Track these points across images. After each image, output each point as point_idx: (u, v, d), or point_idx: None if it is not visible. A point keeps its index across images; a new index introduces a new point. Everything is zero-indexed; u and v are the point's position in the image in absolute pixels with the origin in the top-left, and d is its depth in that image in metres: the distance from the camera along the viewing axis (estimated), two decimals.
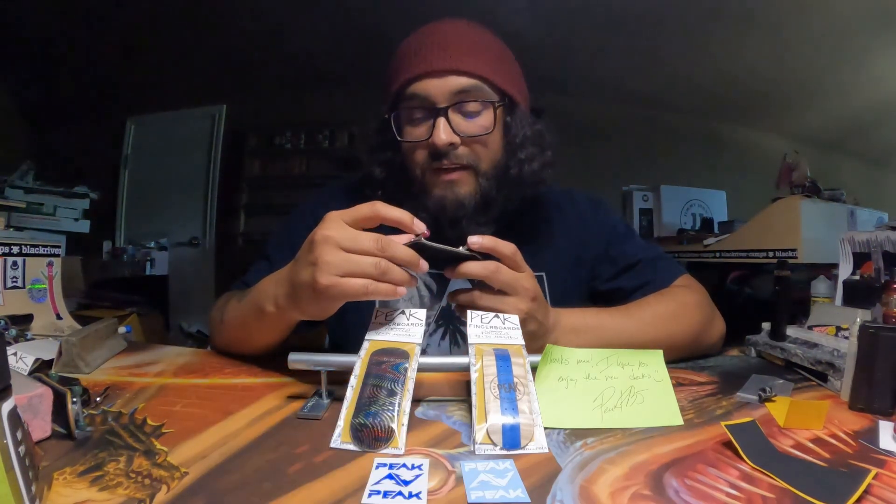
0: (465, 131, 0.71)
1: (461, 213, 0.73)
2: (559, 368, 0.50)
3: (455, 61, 0.71)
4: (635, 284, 0.80)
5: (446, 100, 0.71)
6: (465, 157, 0.72)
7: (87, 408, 0.48)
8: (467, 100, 0.71)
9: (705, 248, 2.60)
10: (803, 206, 2.10)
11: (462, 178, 0.73)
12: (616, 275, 0.83)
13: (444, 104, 0.70)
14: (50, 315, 0.88)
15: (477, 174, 0.73)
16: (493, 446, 0.41)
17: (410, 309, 0.55)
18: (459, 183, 0.73)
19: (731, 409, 0.52)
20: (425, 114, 0.72)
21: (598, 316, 0.68)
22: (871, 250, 0.86)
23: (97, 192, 2.75)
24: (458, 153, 0.72)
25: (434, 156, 0.71)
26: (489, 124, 0.72)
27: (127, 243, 3.67)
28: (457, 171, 0.73)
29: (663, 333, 0.67)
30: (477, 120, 0.72)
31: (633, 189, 3.54)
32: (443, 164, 0.71)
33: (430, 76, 0.71)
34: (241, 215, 4.05)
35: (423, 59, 0.71)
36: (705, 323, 0.74)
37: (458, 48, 0.72)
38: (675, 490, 0.35)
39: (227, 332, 0.72)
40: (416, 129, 0.73)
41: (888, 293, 0.64)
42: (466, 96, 0.71)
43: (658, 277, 0.79)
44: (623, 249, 0.84)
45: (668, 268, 0.82)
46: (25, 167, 2.63)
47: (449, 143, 0.70)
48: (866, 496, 0.34)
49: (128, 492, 0.34)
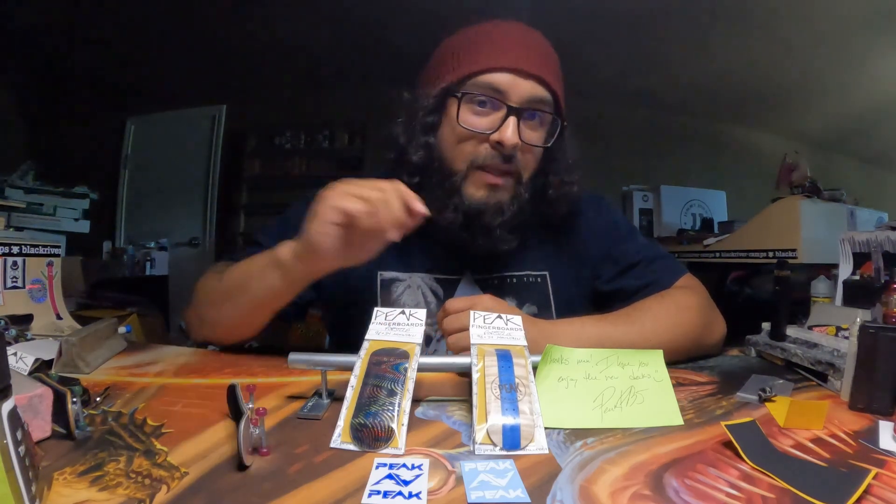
0: (528, 139, 0.70)
1: (497, 221, 0.71)
2: (559, 368, 0.50)
3: (543, 69, 0.70)
4: (637, 285, 0.79)
5: (523, 102, 0.69)
6: (517, 163, 0.71)
7: (87, 408, 0.48)
8: (541, 109, 0.71)
9: (705, 248, 2.60)
10: (803, 206, 2.10)
11: (507, 184, 0.72)
12: (618, 275, 0.82)
13: (519, 105, 0.69)
14: (50, 315, 0.88)
15: (519, 183, 0.72)
16: (493, 446, 0.41)
17: (410, 309, 0.55)
18: (502, 188, 0.71)
19: (731, 409, 0.52)
20: (493, 107, 0.70)
21: (599, 325, 0.67)
22: (871, 250, 0.86)
23: (97, 192, 2.75)
24: (516, 158, 0.70)
25: (495, 153, 0.69)
26: (547, 138, 0.73)
27: (127, 243, 3.67)
28: (504, 177, 0.71)
29: (665, 338, 0.67)
30: (538, 131, 0.72)
31: (633, 189, 3.54)
32: (498, 164, 0.70)
33: (512, 72, 0.69)
34: (241, 215, 4.05)
35: (511, 55, 0.69)
36: (705, 326, 0.74)
37: (543, 57, 0.71)
38: (675, 490, 0.35)
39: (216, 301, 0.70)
40: (478, 120, 0.70)
41: (888, 293, 0.64)
42: (541, 105, 0.70)
43: (660, 278, 0.79)
44: (625, 249, 0.83)
45: (669, 268, 0.81)
46: (25, 167, 2.63)
47: (515, 145, 0.69)
48: (866, 496, 0.34)
49: (128, 492, 0.34)
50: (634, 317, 0.70)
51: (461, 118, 0.70)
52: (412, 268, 0.79)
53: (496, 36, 0.71)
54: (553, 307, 0.81)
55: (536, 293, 0.81)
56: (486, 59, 0.69)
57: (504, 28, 0.73)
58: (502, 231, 0.72)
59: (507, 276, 0.80)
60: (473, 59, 0.70)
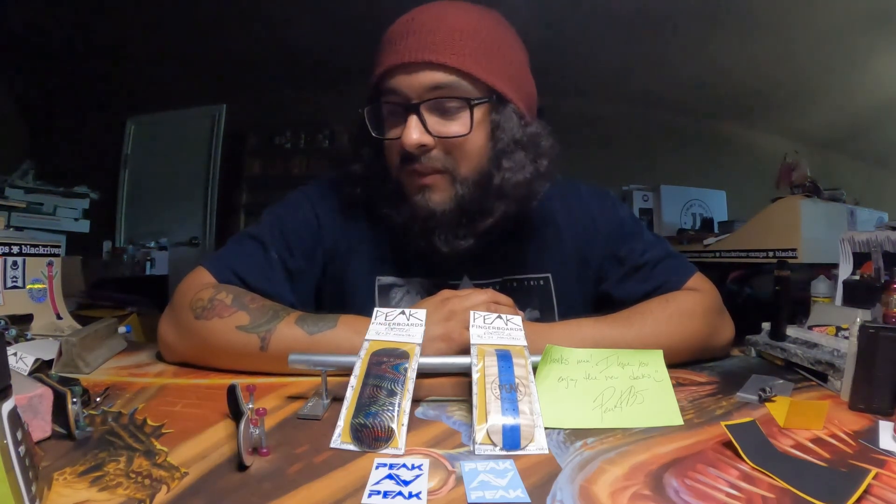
0: (438, 132, 0.65)
1: (432, 223, 0.67)
2: (559, 368, 0.50)
3: (430, 52, 0.63)
4: (647, 289, 0.75)
5: (419, 96, 0.64)
6: (439, 160, 0.66)
7: (87, 408, 0.48)
8: (442, 96, 0.64)
9: (705, 248, 2.60)
10: (803, 206, 2.10)
11: (436, 182, 0.67)
12: (625, 275, 0.78)
13: (417, 100, 0.64)
14: (50, 315, 0.88)
15: (454, 180, 0.67)
16: (493, 447, 0.41)
17: (410, 309, 0.55)
18: (433, 188, 0.67)
19: (731, 409, 0.52)
20: (401, 110, 0.65)
21: (596, 326, 0.64)
22: (871, 250, 0.86)
23: (97, 192, 2.75)
24: (432, 156, 0.65)
25: (405, 157, 0.66)
26: (466, 125, 0.65)
27: (127, 243, 3.67)
28: (430, 176, 0.66)
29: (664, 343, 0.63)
30: (454, 119, 0.65)
31: (633, 189, 3.54)
32: (415, 166, 0.66)
33: (405, 69, 0.64)
34: (241, 215, 4.05)
35: (397, 50, 0.64)
36: (710, 333, 0.70)
37: (435, 37, 0.64)
38: (675, 490, 0.35)
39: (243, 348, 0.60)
40: (392, 128, 0.67)
41: (888, 293, 0.64)
42: (442, 92, 0.64)
43: (669, 280, 0.75)
44: (631, 248, 0.78)
45: (679, 268, 0.77)
46: (25, 167, 2.64)
47: (419, 145, 0.64)
48: (866, 496, 0.34)
49: (128, 492, 0.34)
50: (634, 320, 0.67)
51: (382, 129, 0.68)
52: (410, 272, 0.76)
53: (391, 34, 0.67)
54: (556, 310, 0.78)
55: (539, 296, 0.77)
56: (382, 62, 0.66)
57: (401, 21, 0.67)
58: (450, 232, 0.67)
59: (509, 279, 0.77)
60: (376, 67, 0.67)
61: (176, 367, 0.65)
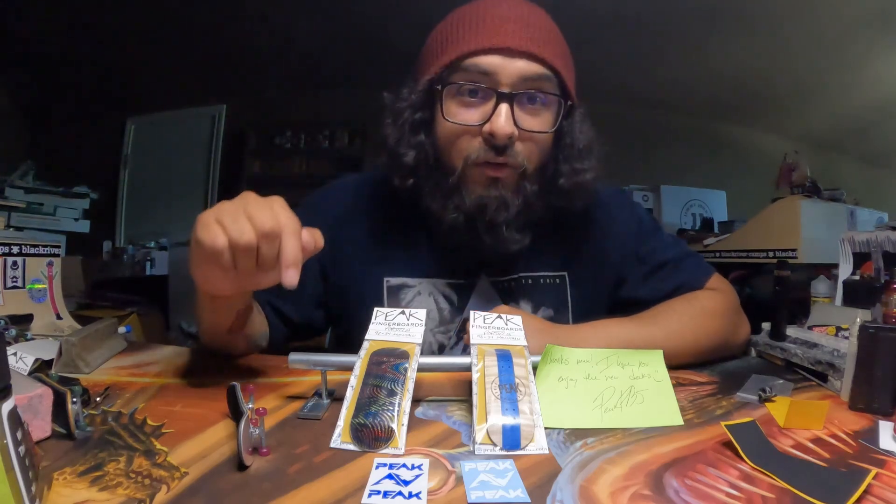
0: (526, 126, 0.63)
1: (502, 217, 0.65)
2: (559, 368, 0.50)
3: (534, 44, 0.61)
4: (669, 287, 0.75)
5: (513, 85, 0.61)
6: (518, 154, 0.63)
7: (87, 408, 0.48)
8: (540, 90, 0.63)
9: (705, 248, 2.60)
10: (803, 206, 2.10)
11: (508, 177, 0.65)
12: (647, 274, 0.77)
13: (509, 89, 0.61)
14: (50, 315, 0.88)
15: (524, 176, 0.65)
16: (493, 446, 0.41)
17: (410, 309, 0.55)
18: (505, 183, 0.65)
19: (731, 409, 0.52)
20: (483, 95, 0.62)
21: (623, 327, 0.64)
22: (871, 250, 0.86)
23: (97, 192, 2.75)
24: (512, 149, 0.63)
25: (487, 147, 0.63)
26: (552, 122, 0.65)
27: (127, 243, 3.67)
28: (505, 169, 0.64)
29: (690, 341, 0.65)
30: (538, 115, 0.64)
31: (633, 189, 3.54)
32: (494, 158, 0.63)
33: (501, 53, 0.61)
34: None
35: (495, 31, 0.61)
36: (731, 329, 0.72)
37: (539, 30, 0.62)
38: (675, 490, 0.35)
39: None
40: (468, 112, 0.63)
41: (888, 293, 0.64)
42: (536, 85, 0.62)
43: (690, 279, 0.75)
44: (652, 247, 0.78)
45: (698, 267, 0.78)
46: (25, 167, 2.64)
47: (509, 135, 0.61)
48: (866, 496, 0.34)
49: (128, 492, 0.34)
50: (659, 318, 0.67)
51: (449, 112, 0.64)
52: (422, 273, 0.74)
53: (481, 14, 0.63)
54: (570, 310, 0.76)
55: (553, 295, 0.76)
56: (469, 41, 0.62)
57: (490, 4, 0.65)
58: (509, 229, 0.66)
59: (523, 277, 0.75)
60: (456, 43, 0.63)
61: (176, 367, 0.65)
